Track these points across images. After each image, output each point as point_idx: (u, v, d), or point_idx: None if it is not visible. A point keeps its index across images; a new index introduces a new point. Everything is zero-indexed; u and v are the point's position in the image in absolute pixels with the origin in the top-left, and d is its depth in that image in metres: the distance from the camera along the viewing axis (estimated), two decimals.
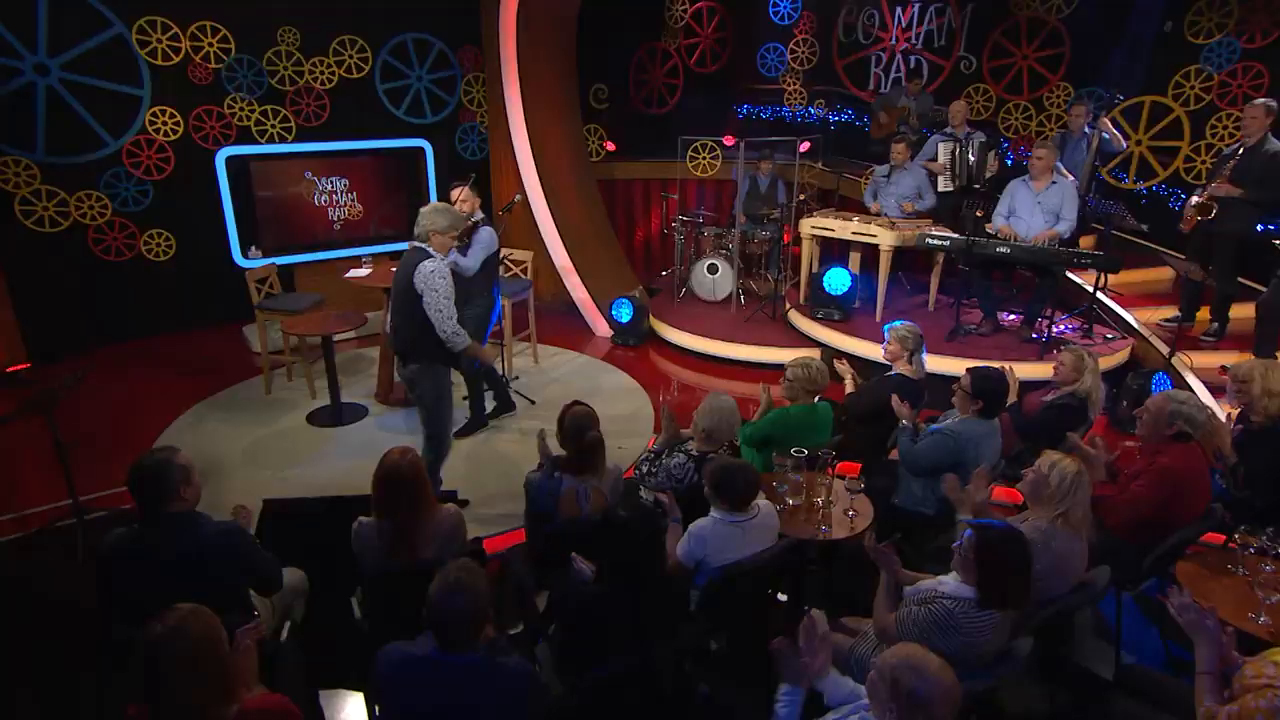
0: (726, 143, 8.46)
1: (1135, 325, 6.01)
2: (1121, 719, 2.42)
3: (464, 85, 8.12)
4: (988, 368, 3.60)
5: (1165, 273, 6.90)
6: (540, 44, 7.11)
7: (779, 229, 7.76)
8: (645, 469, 3.43)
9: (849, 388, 3.99)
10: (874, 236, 6.19)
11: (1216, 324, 5.86)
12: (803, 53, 9.45)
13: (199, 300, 7.21)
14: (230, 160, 6.60)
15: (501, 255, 5.73)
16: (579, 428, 3.05)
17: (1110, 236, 6.54)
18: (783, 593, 3.27)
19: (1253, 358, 4.37)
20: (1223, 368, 5.57)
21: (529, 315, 6.35)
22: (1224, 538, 3.17)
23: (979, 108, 8.24)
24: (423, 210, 3.72)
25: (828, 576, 3.42)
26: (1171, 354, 5.35)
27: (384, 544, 2.63)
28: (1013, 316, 6.27)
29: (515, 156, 7.25)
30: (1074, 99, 7.46)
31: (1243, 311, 5.98)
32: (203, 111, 6.94)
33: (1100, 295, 6.11)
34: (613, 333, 7.19)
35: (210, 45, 6.84)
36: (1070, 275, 6.32)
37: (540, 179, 7.02)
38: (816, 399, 3.82)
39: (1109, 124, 6.16)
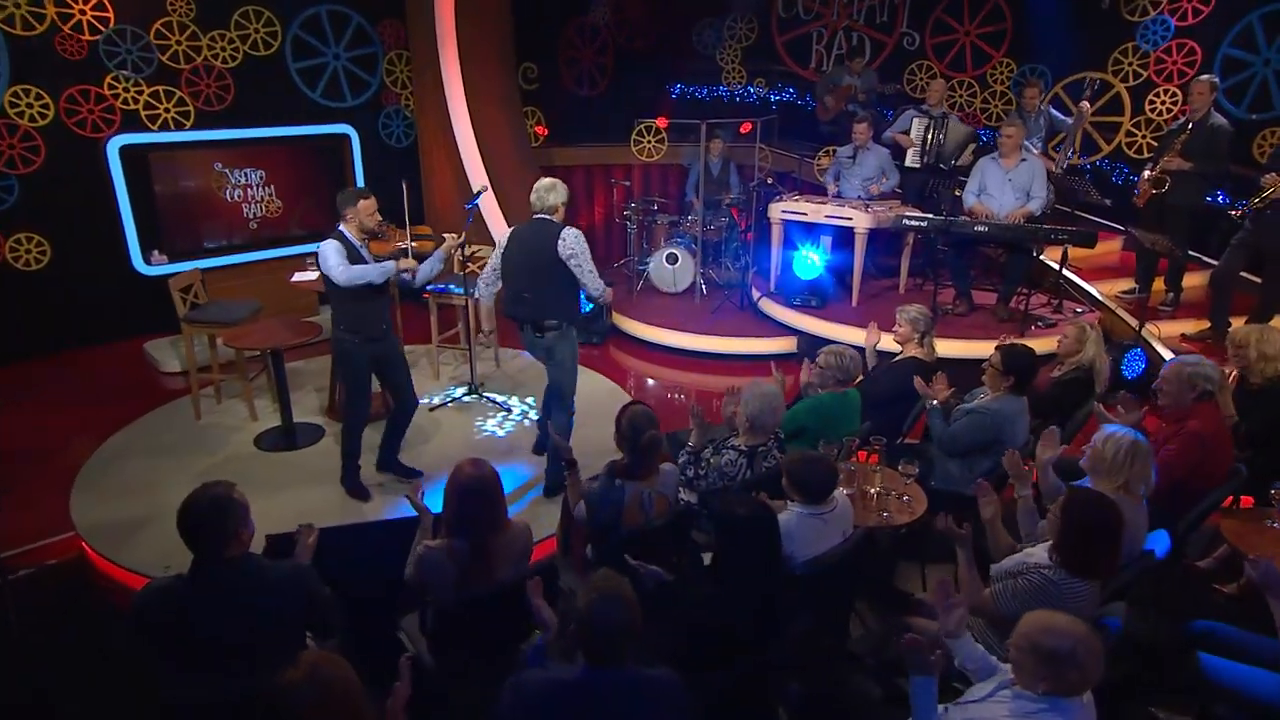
0: (660, 124, 8.62)
1: (1101, 299, 6.60)
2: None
3: (386, 64, 7.89)
4: (1017, 344, 3.90)
5: (1113, 246, 7.61)
6: (478, 21, 7.02)
7: (730, 215, 8.01)
8: (690, 472, 3.51)
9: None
10: (849, 219, 6.50)
11: (1172, 294, 6.53)
12: (741, 29, 9.73)
13: (84, 314, 6.70)
14: (125, 151, 6.16)
15: (469, 252, 5.67)
16: (637, 428, 3.10)
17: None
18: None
19: (1247, 323, 4.87)
20: (1183, 336, 6.27)
21: (491, 316, 6.26)
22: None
23: (921, 85, 8.77)
24: (537, 188, 4.24)
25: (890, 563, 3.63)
26: (1141, 325, 5.92)
27: (458, 568, 2.59)
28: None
29: (448, 143, 7.15)
30: (1020, 78, 8.11)
31: (1193, 281, 6.71)
32: (77, 93, 6.43)
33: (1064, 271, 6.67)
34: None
35: (83, 14, 6.34)
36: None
37: (485, 168, 6.94)
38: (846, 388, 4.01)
39: (1087, 109, 6.72)
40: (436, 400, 5.71)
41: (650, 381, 6.53)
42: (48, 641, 3.65)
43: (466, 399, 5.72)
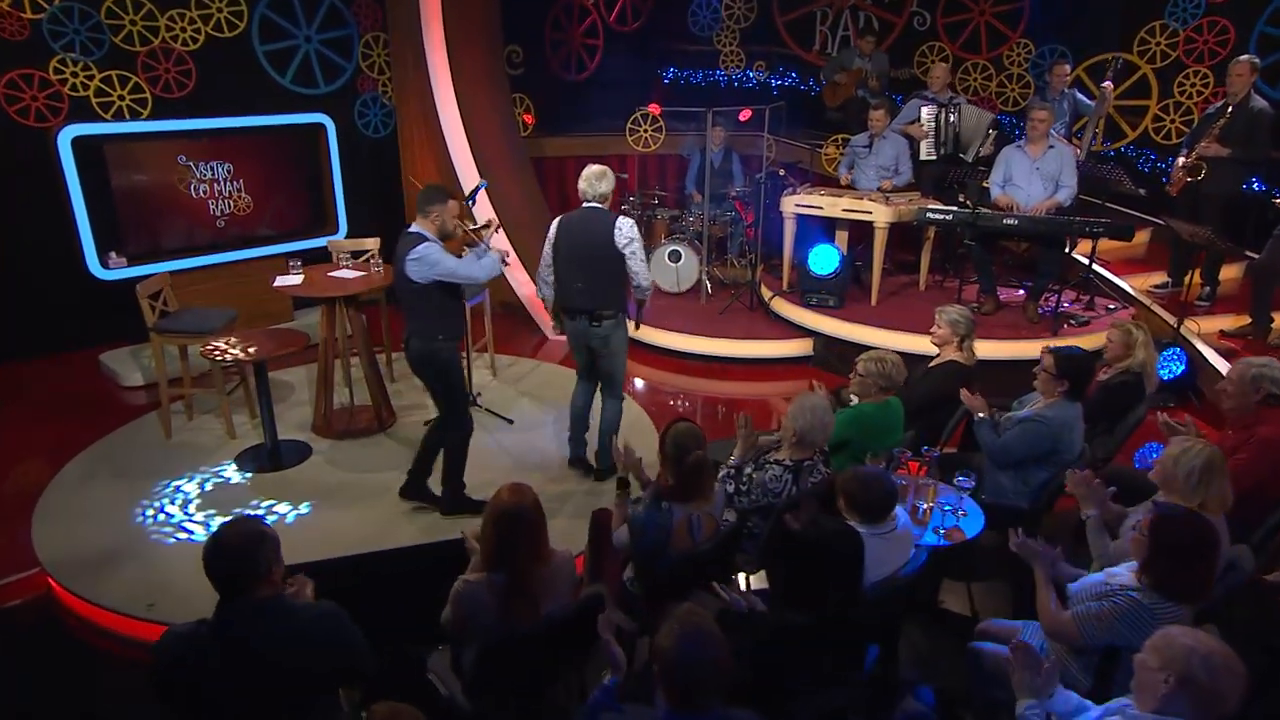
0: (652, 111, 8.60)
1: (1134, 294, 6.68)
2: None
3: (362, 47, 7.77)
4: (1070, 346, 3.92)
5: (1140, 237, 7.71)
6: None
7: (734, 209, 8.00)
8: (731, 487, 3.48)
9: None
10: (868, 213, 6.51)
11: (1209, 288, 6.61)
12: (739, 9, 9.73)
13: (33, 323, 6.51)
14: (78, 143, 5.99)
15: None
16: (681, 448, 3.06)
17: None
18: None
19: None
20: (1222, 333, 6.35)
21: (485, 321, 6.21)
22: None
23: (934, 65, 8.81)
24: (587, 177, 4.40)
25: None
26: (1180, 323, 5.99)
27: (499, 602, 2.53)
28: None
29: (432, 133, 7.06)
30: (1039, 59, 8.18)
31: (1228, 273, 6.81)
32: (19, 78, 6.24)
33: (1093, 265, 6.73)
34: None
35: None
36: None
37: (475, 160, 6.85)
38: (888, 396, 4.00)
39: (1110, 90, 6.79)
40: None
41: (655, 388, 6.48)
42: (17, 695, 3.52)
43: None
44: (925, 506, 3.48)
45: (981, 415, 3.97)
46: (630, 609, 3.15)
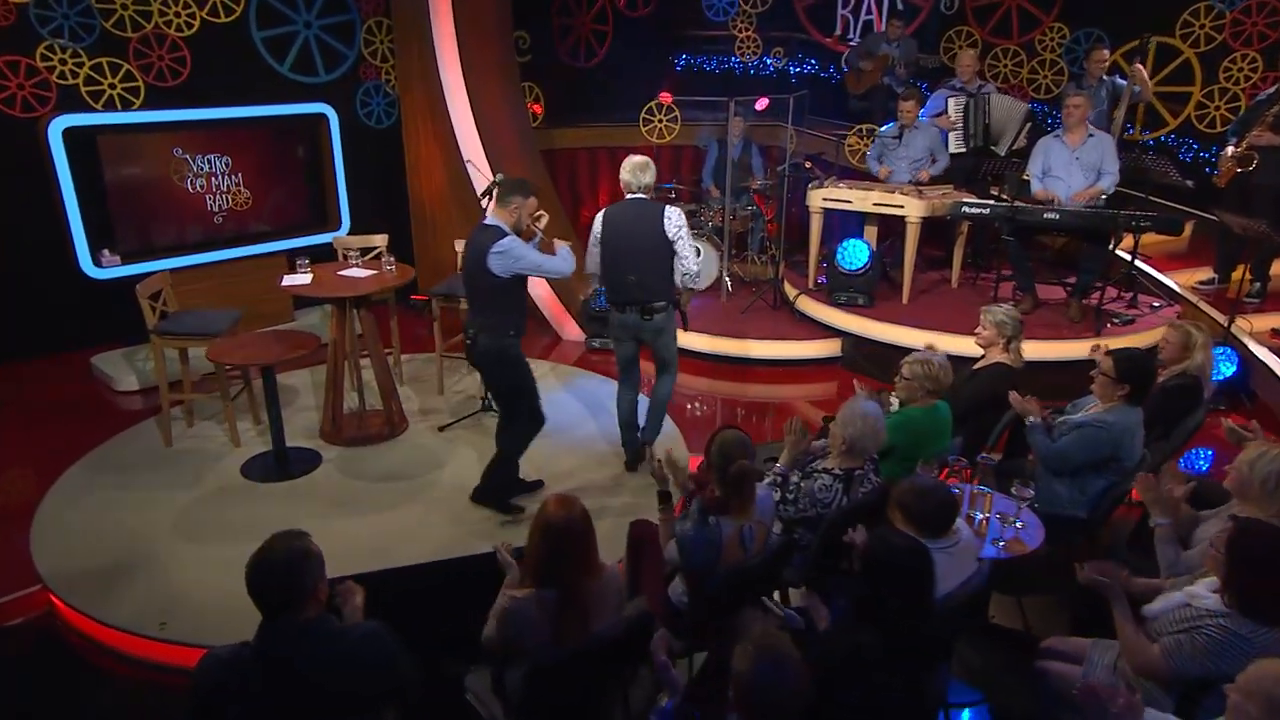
0: (664, 100, 8.58)
1: (1180, 291, 6.66)
2: None
3: (364, 33, 7.74)
4: (1131, 348, 3.89)
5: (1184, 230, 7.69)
6: None
7: (754, 203, 7.98)
8: (777, 495, 3.45)
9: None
10: (900, 207, 6.49)
11: (1258, 284, 6.60)
12: None
13: (21, 323, 6.49)
14: (70, 134, 5.96)
15: None
16: (728, 457, 3.04)
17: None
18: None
19: None
20: (1274, 331, 6.33)
21: None
22: None
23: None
24: (631, 169, 4.54)
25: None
26: (1231, 321, 5.97)
27: (549, 620, 2.51)
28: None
29: (438, 124, 7.05)
30: (1074, 44, 8.16)
31: (1277, 269, 6.79)
32: (4, 65, 6.22)
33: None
34: (585, 335, 7.12)
35: None
36: None
37: (486, 153, 6.83)
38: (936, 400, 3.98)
39: (1142, 71, 6.76)
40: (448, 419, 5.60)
41: (676, 391, 6.42)
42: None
43: (476, 416, 5.62)
44: (981, 517, 3.46)
45: (1034, 419, 3.95)
46: (675, 626, 3.13)
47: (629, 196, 4.56)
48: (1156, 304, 6.58)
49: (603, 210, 4.66)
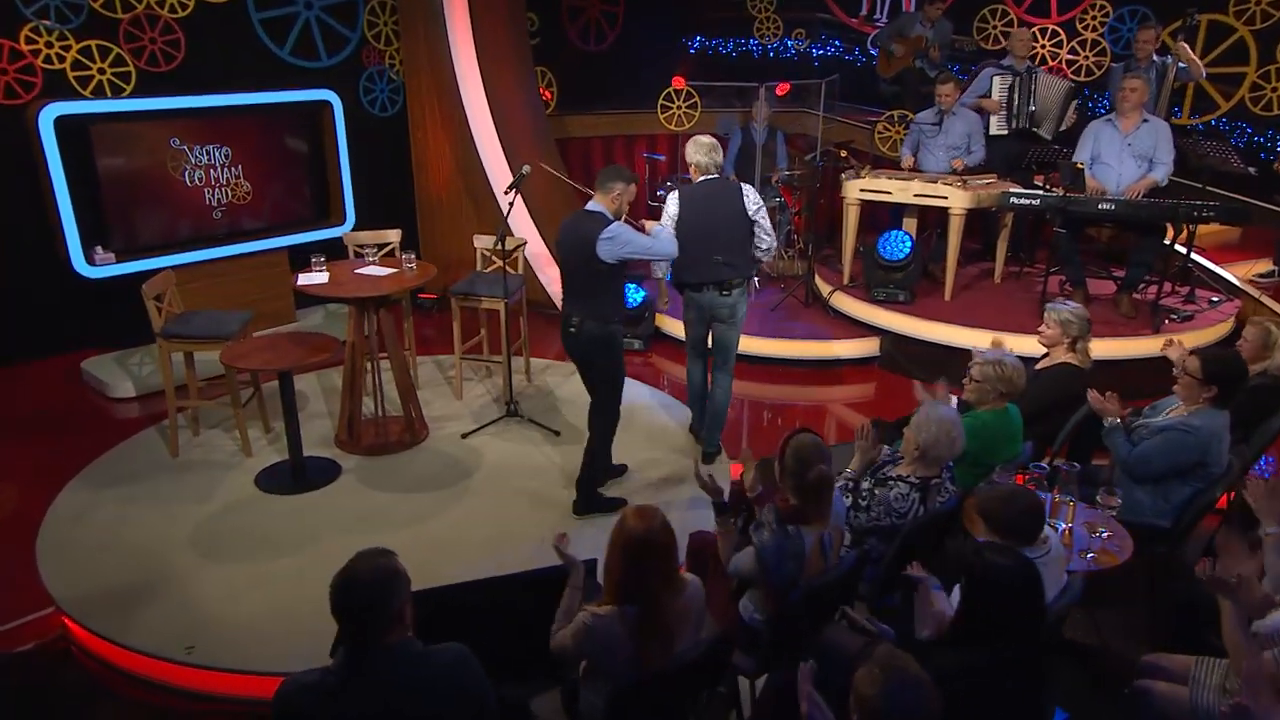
0: (676, 84, 8.59)
1: (1239, 285, 6.70)
2: None
3: (368, 15, 7.73)
4: (1220, 348, 3.91)
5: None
6: None
7: (779, 194, 7.99)
8: (848, 500, 3.46)
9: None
10: (943, 198, 6.51)
11: None
12: None
13: (7, 326, 6.44)
14: (61, 123, 5.93)
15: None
16: (804, 463, 3.04)
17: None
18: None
19: None
20: None
21: (523, 322, 6.17)
22: None
23: (998, 33, 8.83)
24: (702, 149, 4.78)
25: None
26: None
27: (632, 638, 2.51)
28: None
29: (445, 111, 7.05)
30: (1116, 22, 8.18)
31: None
32: None
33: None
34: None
35: None
36: None
37: (501, 142, 6.83)
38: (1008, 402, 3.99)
39: (1187, 50, 6.79)
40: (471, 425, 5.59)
41: None
42: None
43: (501, 422, 5.61)
44: (1064, 526, 3.47)
45: (1113, 421, 3.97)
46: (746, 644, 3.14)
47: (703, 178, 4.81)
48: (1215, 299, 6.61)
49: (675, 191, 4.94)
